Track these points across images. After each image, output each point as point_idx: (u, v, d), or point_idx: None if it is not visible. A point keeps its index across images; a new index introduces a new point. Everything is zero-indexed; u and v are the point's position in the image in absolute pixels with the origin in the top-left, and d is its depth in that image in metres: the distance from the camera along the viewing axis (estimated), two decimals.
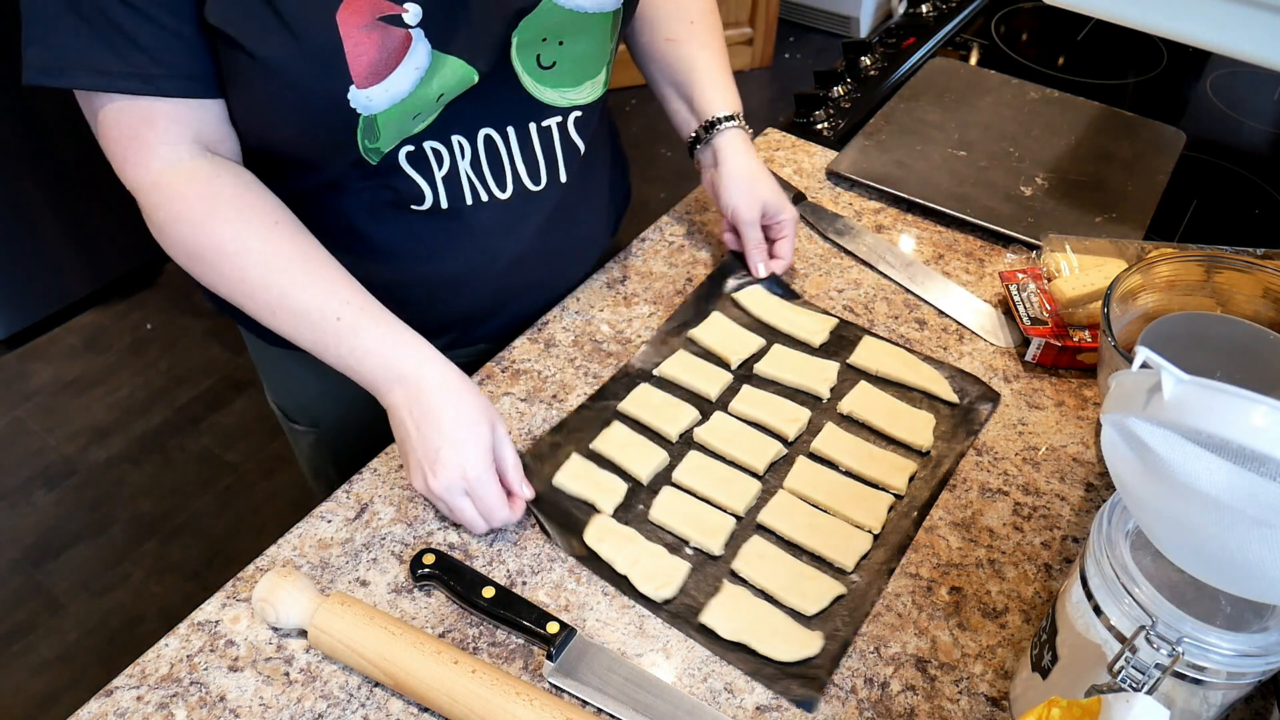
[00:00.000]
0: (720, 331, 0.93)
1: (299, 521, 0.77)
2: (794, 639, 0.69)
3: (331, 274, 0.75)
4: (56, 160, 2.17)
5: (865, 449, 0.82)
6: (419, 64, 0.72)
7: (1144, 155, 1.16)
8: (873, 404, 0.86)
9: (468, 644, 0.70)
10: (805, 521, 0.77)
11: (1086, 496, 0.81)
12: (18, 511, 1.98)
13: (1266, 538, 0.46)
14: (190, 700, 0.66)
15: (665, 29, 0.97)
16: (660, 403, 0.86)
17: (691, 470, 0.80)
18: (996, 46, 1.45)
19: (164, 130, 0.73)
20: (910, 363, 0.90)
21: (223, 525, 1.97)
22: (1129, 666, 0.53)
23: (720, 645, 0.70)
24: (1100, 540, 0.56)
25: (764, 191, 0.95)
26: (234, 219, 0.74)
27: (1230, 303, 0.82)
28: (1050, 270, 0.94)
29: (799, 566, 0.74)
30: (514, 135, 0.82)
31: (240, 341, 2.31)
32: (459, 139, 0.80)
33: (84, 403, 2.19)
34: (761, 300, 0.96)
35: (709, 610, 0.71)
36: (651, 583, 0.73)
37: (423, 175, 0.80)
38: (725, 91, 0.97)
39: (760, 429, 0.84)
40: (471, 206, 0.83)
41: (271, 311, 0.74)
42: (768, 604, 0.72)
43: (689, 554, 0.76)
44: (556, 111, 0.84)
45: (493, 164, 0.82)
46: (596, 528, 0.76)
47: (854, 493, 0.79)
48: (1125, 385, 0.50)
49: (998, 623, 0.72)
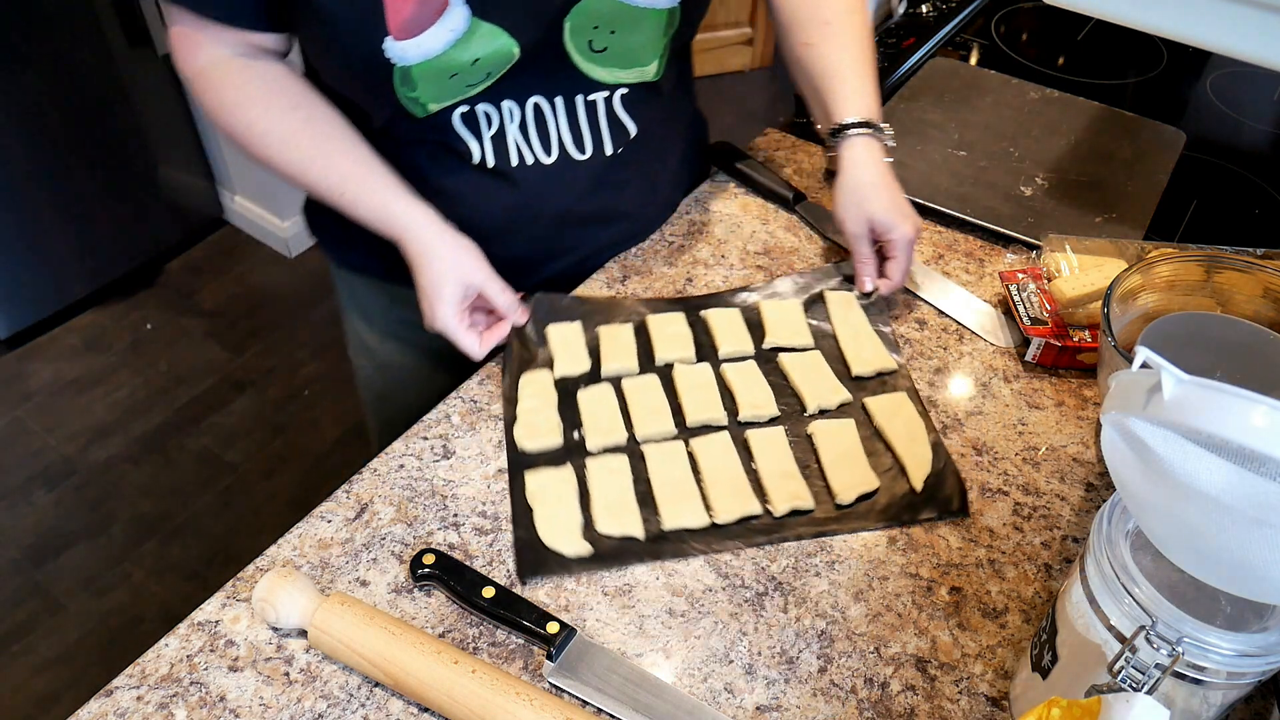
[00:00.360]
0: (786, 316, 0.93)
1: (299, 521, 0.77)
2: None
3: (336, 150, 0.85)
4: (56, 160, 2.17)
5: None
6: (454, 27, 0.78)
7: (1144, 155, 1.16)
8: (838, 441, 0.83)
9: (468, 644, 0.70)
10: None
11: (1086, 496, 0.81)
12: (18, 511, 1.98)
13: (1266, 538, 0.46)
14: (190, 700, 0.66)
15: (802, 33, 0.96)
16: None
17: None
18: (996, 46, 1.45)
19: (213, 35, 0.83)
20: (916, 435, 0.83)
21: (223, 525, 1.97)
22: (1129, 666, 0.53)
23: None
24: (1100, 540, 0.56)
25: (874, 207, 0.91)
26: (259, 104, 0.84)
27: (1230, 303, 0.82)
28: (1050, 270, 0.94)
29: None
30: (561, 106, 0.87)
31: (240, 341, 2.29)
32: (510, 104, 0.85)
33: (84, 403, 2.19)
34: (845, 307, 0.94)
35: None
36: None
37: (472, 134, 0.86)
38: (857, 96, 0.93)
39: (726, 396, 0.87)
40: (516, 167, 0.89)
41: (298, 184, 0.87)
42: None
43: None
44: (604, 87, 0.88)
45: (539, 130, 0.88)
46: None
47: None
48: (1125, 385, 0.50)
49: (998, 623, 0.72)
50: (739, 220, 1.07)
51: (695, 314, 0.94)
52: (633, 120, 0.91)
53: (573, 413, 0.85)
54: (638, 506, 0.78)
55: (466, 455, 0.82)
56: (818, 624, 0.71)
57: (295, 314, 2.42)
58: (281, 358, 2.31)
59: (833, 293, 0.96)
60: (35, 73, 2.06)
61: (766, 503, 0.78)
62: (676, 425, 0.84)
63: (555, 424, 0.83)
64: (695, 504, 0.78)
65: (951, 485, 0.80)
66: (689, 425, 0.84)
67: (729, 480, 0.79)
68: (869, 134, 0.92)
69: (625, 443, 0.83)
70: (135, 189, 2.37)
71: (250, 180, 2.49)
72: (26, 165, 2.12)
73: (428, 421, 0.85)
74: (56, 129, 2.14)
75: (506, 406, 0.85)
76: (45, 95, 2.10)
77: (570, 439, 0.83)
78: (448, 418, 0.85)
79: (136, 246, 2.46)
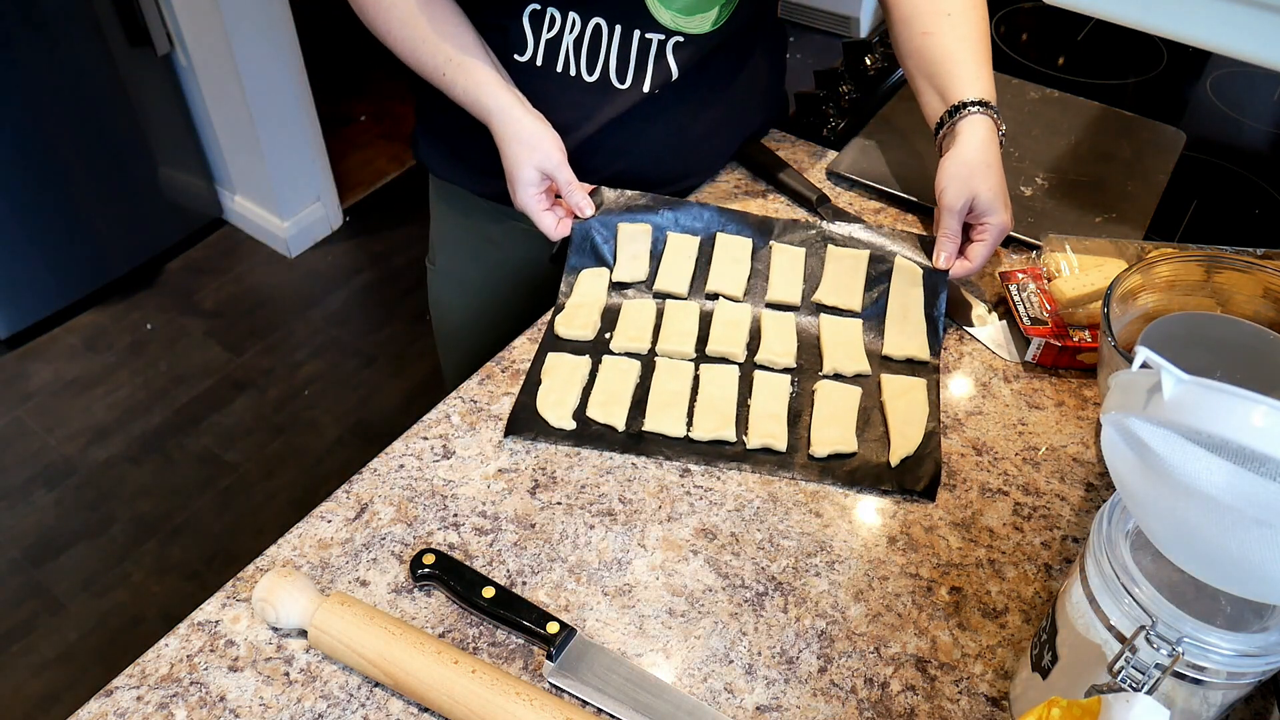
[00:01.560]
0: (842, 270, 0.96)
1: (299, 521, 0.77)
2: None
3: (447, 34, 0.92)
4: (56, 160, 2.17)
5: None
6: None
7: (1144, 155, 1.16)
8: (836, 403, 0.86)
9: (468, 644, 0.70)
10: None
11: (1086, 496, 0.81)
12: (18, 511, 1.98)
13: (1266, 538, 0.46)
14: (190, 700, 0.66)
15: (921, 23, 0.97)
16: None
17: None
18: (996, 46, 1.45)
19: None
20: (914, 419, 0.84)
21: (223, 525, 1.97)
22: (1129, 666, 0.53)
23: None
24: (1100, 540, 0.56)
25: (980, 186, 0.91)
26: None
27: (1230, 303, 0.82)
28: (1050, 270, 0.94)
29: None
30: (619, 33, 0.93)
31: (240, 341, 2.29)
32: (575, 15, 0.92)
33: (84, 403, 2.19)
34: (909, 281, 0.94)
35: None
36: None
37: (533, 31, 0.94)
38: (978, 81, 0.94)
39: (755, 337, 0.92)
40: (560, 74, 0.95)
41: (407, 60, 0.95)
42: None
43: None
44: (663, 30, 0.93)
45: (591, 48, 0.94)
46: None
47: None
48: (1125, 385, 0.50)
49: (998, 623, 0.72)
50: None
51: (765, 242, 0.98)
52: (678, 67, 0.95)
53: (613, 316, 0.92)
54: (629, 403, 0.85)
55: (466, 455, 0.82)
56: (818, 624, 0.72)
57: (295, 314, 2.42)
58: (281, 358, 2.31)
59: (904, 261, 0.95)
60: (35, 73, 2.06)
61: (744, 434, 0.83)
62: (697, 351, 0.90)
63: (593, 321, 0.91)
64: (679, 416, 0.84)
65: (926, 470, 0.80)
66: (708, 353, 0.90)
67: (718, 406, 0.84)
68: (987, 113, 0.93)
69: (645, 352, 0.90)
70: (135, 189, 2.37)
71: (250, 180, 2.49)
72: (26, 165, 2.12)
73: (428, 421, 0.85)
74: (56, 129, 2.14)
75: (559, 300, 0.93)
76: (45, 95, 2.10)
77: (600, 337, 0.91)
78: (448, 418, 0.86)
79: (136, 246, 2.46)
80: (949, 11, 0.97)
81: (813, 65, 1.35)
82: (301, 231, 2.56)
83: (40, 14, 2.02)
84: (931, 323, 0.91)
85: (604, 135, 0.98)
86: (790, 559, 0.76)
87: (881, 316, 0.93)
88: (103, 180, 2.27)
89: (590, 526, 0.77)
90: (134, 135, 2.30)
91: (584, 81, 0.95)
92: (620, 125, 0.98)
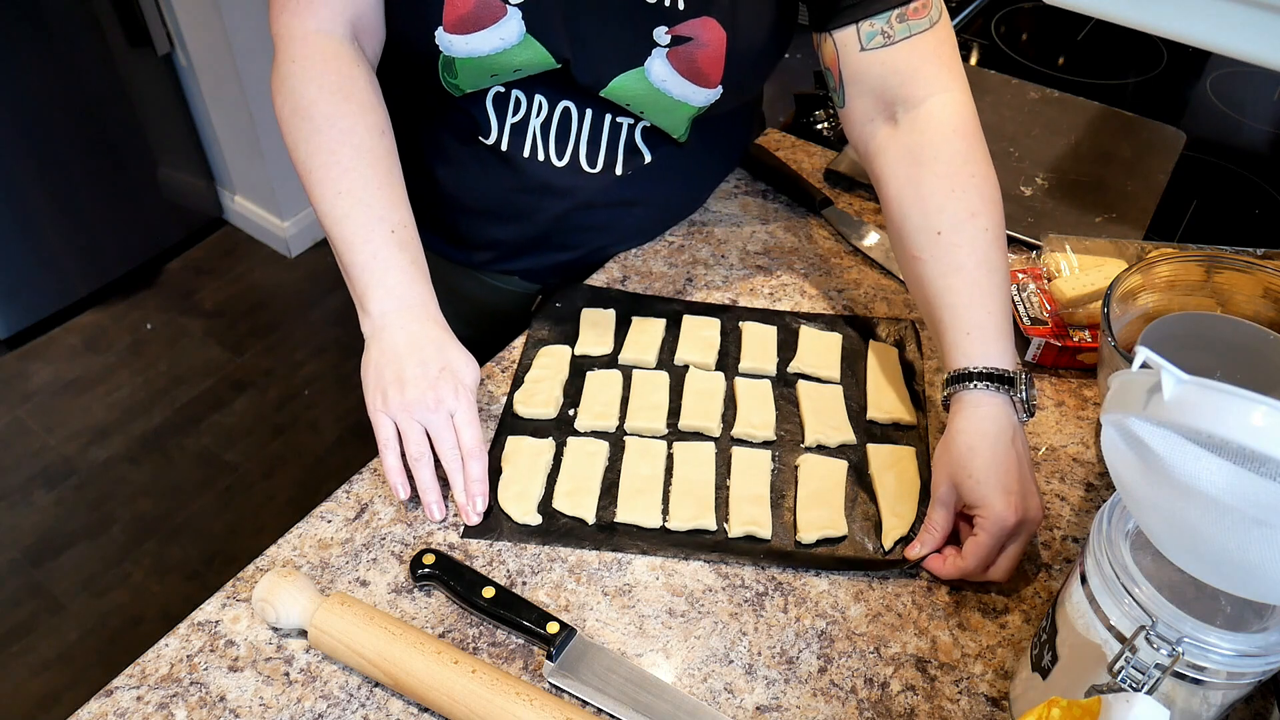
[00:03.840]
0: (818, 342, 0.91)
1: (299, 521, 0.77)
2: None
3: (402, 199, 0.81)
4: (56, 160, 2.17)
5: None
6: (505, 36, 0.80)
7: (1144, 155, 1.16)
8: (821, 479, 0.80)
9: (468, 644, 0.70)
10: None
11: (1086, 496, 0.81)
12: (18, 511, 1.98)
13: (1266, 538, 0.46)
14: (190, 700, 0.66)
15: (913, 243, 0.79)
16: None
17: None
18: (996, 46, 1.45)
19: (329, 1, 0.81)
20: (905, 494, 0.78)
21: (223, 525, 1.97)
22: (1129, 666, 0.53)
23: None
24: (1100, 540, 0.56)
25: (961, 473, 0.72)
26: (357, 105, 0.80)
27: (1230, 303, 0.82)
28: (1050, 270, 0.94)
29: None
30: (590, 117, 0.88)
31: (239, 342, 2.29)
32: (541, 98, 0.87)
33: (84, 403, 2.19)
34: (884, 357, 0.90)
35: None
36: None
37: (497, 114, 0.88)
38: (974, 337, 0.74)
39: (731, 409, 0.86)
40: (527, 159, 0.90)
41: (337, 193, 0.78)
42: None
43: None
44: (632, 115, 0.89)
45: (560, 133, 0.89)
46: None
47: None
48: (1125, 385, 0.50)
49: (998, 623, 0.72)
50: (739, 220, 1.07)
51: (734, 323, 0.93)
52: (650, 151, 0.92)
53: (577, 391, 0.86)
54: (598, 492, 0.78)
55: None
56: (818, 624, 0.71)
57: (295, 314, 2.42)
58: (281, 358, 2.31)
59: (878, 344, 0.91)
60: (35, 73, 2.06)
61: (725, 521, 0.77)
62: (669, 427, 0.84)
63: (554, 397, 0.85)
64: (654, 504, 0.77)
65: None
66: (681, 429, 0.84)
67: (695, 490, 0.78)
68: (989, 390, 0.73)
69: (613, 430, 0.83)
70: (135, 189, 2.37)
71: (250, 180, 2.49)
72: (26, 165, 2.12)
73: None
74: (56, 129, 2.14)
75: (517, 373, 0.88)
76: (45, 95, 2.10)
77: (564, 414, 0.85)
78: None
79: (136, 246, 2.46)
80: (939, 230, 0.77)
81: (813, 65, 1.34)
82: (301, 231, 2.56)
83: (40, 14, 2.02)
84: (914, 394, 0.87)
85: (577, 215, 0.94)
86: None
87: (862, 382, 0.88)
88: (103, 180, 2.27)
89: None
90: (134, 135, 2.30)
91: (553, 166, 0.90)
92: (591, 207, 0.94)
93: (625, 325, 0.92)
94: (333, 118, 0.79)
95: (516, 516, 0.76)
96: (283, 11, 0.81)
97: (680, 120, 0.89)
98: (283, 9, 0.81)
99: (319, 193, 0.79)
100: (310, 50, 0.81)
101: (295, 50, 0.81)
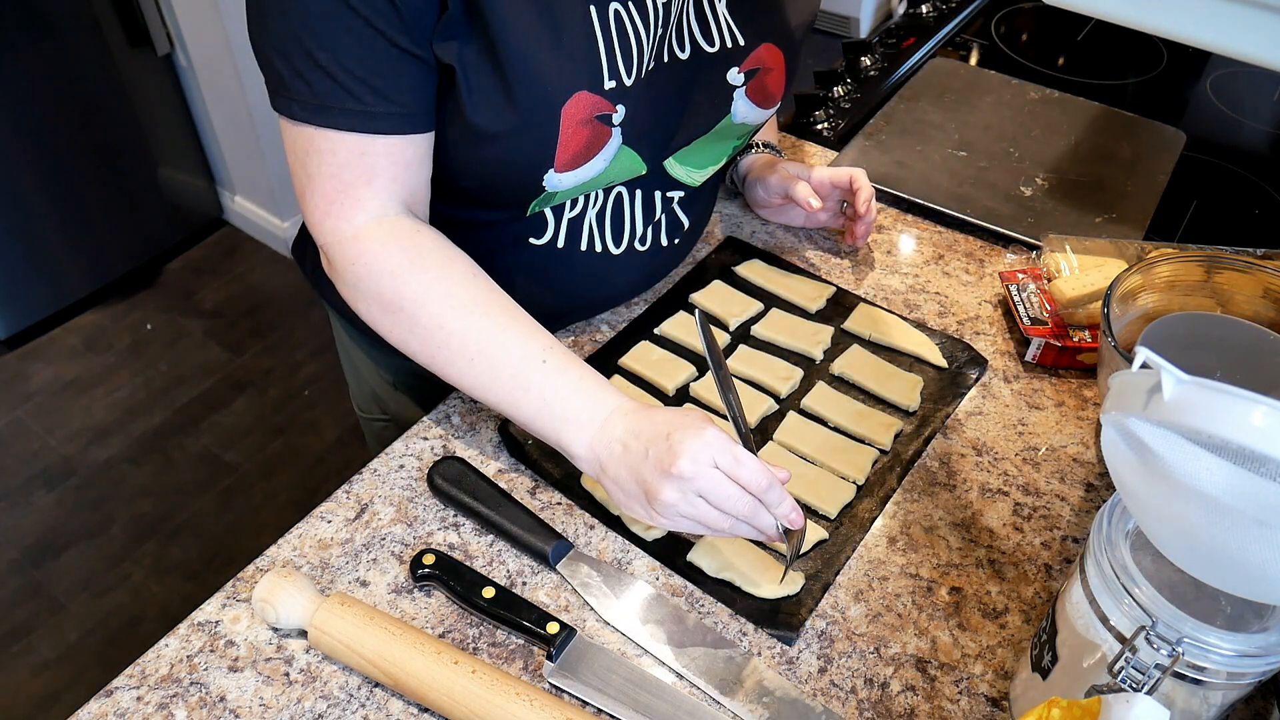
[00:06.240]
0: (720, 296, 0.96)
1: (299, 521, 0.77)
2: (777, 577, 0.73)
3: (530, 322, 0.75)
4: (56, 160, 2.17)
5: (854, 407, 0.86)
6: (607, 156, 0.78)
7: (1144, 155, 1.16)
8: (863, 366, 0.89)
9: (468, 644, 0.70)
10: (793, 471, 0.79)
11: (1086, 496, 0.81)
12: (18, 511, 1.98)
13: (1266, 538, 0.46)
14: (190, 700, 0.66)
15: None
16: (659, 359, 0.90)
17: None
18: (996, 46, 1.45)
19: (379, 188, 0.73)
20: (903, 329, 0.92)
21: (223, 525, 1.97)
22: (1129, 667, 0.53)
23: (706, 582, 0.73)
24: (1100, 540, 0.56)
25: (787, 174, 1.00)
26: (436, 269, 0.74)
27: (1230, 303, 0.82)
28: (1050, 270, 0.94)
29: None
30: (640, 197, 0.87)
31: (239, 342, 2.28)
32: (597, 191, 0.84)
33: (84, 403, 2.19)
34: (761, 270, 0.99)
35: (696, 550, 0.75)
36: (640, 524, 0.77)
37: (554, 215, 0.84)
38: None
39: (754, 386, 0.88)
40: (584, 252, 0.87)
41: (469, 359, 0.73)
42: (752, 545, 0.75)
43: None
44: (678, 185, 0.89)
45: (615, 218, 0.87)
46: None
47: (841, 446, 0.83)
48: (1125, 385, 0.50)
49: (998, 623, 0.72)
50: (738, 219, 1.07)
51: (655, 337, 0.93)
52: (686, 216, 0.93)
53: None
54: None
55: (467, 455, 0.82)
56: (818, 624, 0.71)
57: (295, 314, 2.42)
58: (281, 358, 2.31)
59: (741, 265, 0.99)
60: (35, 73, 2.06)
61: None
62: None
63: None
64: None
65: (963, 349, 0.90)
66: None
67: None
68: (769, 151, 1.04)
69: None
70: (135, 189, 2.37)
71: (250, 180, 2.50)
72: (26, 165, 2.12)
73: (427, 422, 0.85)
74: (56, 129, 2.14)
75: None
76: (45, 95, 2.10)
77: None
78: (448, 418, 0.85)
79: (136, 246, 2.46)
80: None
81: (813, 65, 1.35)
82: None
83: (40, 14, 2.03)
84: None
85: (622, 291, 0.94)
86: None
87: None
88: (103, 180, 2.27)
89: (590, 527, 0.77)
90: (134, 135, 2.30)
91: (609, 255, 0.88)
92: (640, 281, 0.95)
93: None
94: (423, 300, 0.73)
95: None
96: (326, 217, 0.74)
97: (726, 151, 0.90)
98: (325, 214, 0.74)
99: (454, 375, 0.75)
100: (364, 247, 0.74)
101: (350, 252, 0.74)
